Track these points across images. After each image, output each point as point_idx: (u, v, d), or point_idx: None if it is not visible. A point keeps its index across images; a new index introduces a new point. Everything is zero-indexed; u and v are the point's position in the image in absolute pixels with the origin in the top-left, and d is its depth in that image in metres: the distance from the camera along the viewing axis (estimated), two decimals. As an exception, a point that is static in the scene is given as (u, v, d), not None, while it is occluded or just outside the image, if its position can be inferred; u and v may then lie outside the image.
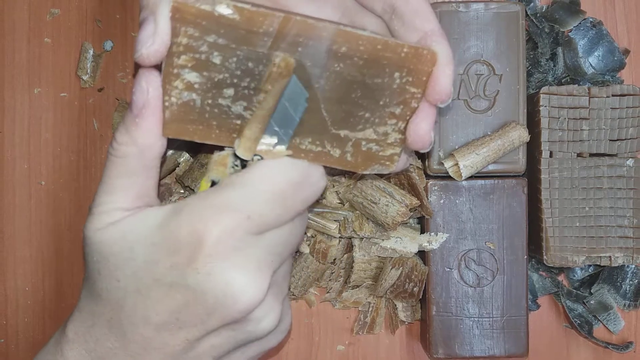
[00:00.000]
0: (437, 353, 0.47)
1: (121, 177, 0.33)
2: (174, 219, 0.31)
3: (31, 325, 0.50)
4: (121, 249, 0.32)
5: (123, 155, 0.33)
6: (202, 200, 0.32)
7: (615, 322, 0.50)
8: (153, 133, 0.32)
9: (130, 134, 0.32)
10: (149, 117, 0.32)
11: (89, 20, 0.50)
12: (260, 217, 0.32)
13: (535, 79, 0.50)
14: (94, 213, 0.33)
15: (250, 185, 0.32)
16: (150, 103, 0.32)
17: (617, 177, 0.46)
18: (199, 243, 0.31)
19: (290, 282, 0.37)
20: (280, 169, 0.33)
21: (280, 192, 0.32)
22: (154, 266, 0.31)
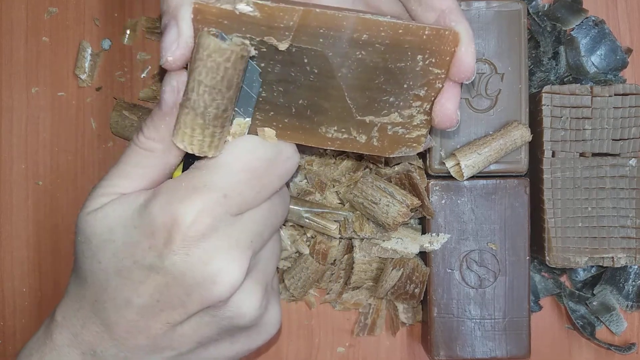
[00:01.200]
0: (439, 355, 0.46)
1: (138, 167, 0.33)
2: (152, 201, 0.32)
3: (28, 326, 0.49)
4: (102, 230, 0.32)
5: (148, 149, 0.33)
6: (178, 182, 0.32)
7: (617, 324, 0.49)
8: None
9: (158, 131, 0.32)
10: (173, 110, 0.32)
11: (87, 19, 0.50)
12: (237, 195, 0.32)
13: (537, 78, 0.49)
14: (94, 194, 0.34)
15: (224, 165, 0.32)
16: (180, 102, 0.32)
17: (619, 177, 0.46)
18: (174, 224, 0.31)
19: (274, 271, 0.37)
20: (251, 146, 0.33)
21: (254, 169, 0.32)
22: (133, 248, 0.32)
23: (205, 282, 0.31)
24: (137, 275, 0.32)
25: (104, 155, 0.50)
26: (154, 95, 0.49)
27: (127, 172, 0.33)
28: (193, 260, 0.31)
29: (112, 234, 0.32)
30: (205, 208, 0.31)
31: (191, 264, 0.31)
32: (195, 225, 0.31)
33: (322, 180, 0.47)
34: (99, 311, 0.33)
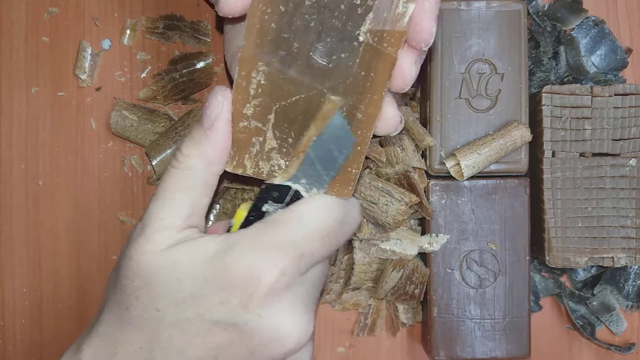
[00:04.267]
0: (439, 355, 0.46)
1: (179, 191, 0.32)
2: (229, 254, 0.30)
3: (28, 326, 0.49)
4: (168, 279, 0.31)
5: (187, 168, 0.32)
6: (257, 238, 0.31)
7: (617, 324, 0.49)
8: (222, 146, 0.32)
9: (199, 146, 0.32)
10: (220, 130, 0.32)
11: (87, 19, 0.50)
12: (310, 255, 0.31)
13: (537, 78, 0.49)
14: (149, 232, 0.32)
15: (301, 223, 0.31)
16: (223, 116, 0.32)
17: (619, 177, 0.46)
18: (256, 282, 0.30)
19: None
20: (327, 206, 0.32)
21: (328, 230, 0.32)
22: (200, 300, 0.30)
23: (273, 343, 0.30)
24: (198, 328, 0.30)
25: (104, 156, 0.50)
26: (154, 95, 0.49)
27: (170, 200, 0.32)
28: (266, 320, 0.30)
29: (180, 283, 0.30)
30: (285, 267, 0.30)
31: (263, 324, 0.30)
32: (275, 285, 0.30)
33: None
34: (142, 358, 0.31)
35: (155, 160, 0.47)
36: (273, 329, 0.30)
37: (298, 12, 0.31)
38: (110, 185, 0.50)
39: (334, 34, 0.31)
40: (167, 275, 0.31)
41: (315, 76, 0.32)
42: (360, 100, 0.32)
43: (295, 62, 0.32)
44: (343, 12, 0.31)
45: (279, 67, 0.32)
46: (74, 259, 0.50)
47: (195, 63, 0.49)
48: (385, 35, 0.31)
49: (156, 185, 0.49)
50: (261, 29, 0.31)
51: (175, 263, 0.31)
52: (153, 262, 0.31)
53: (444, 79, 0.46)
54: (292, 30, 0.31)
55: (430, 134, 0.46)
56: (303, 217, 0.32)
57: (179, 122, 0.48)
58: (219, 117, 0.32)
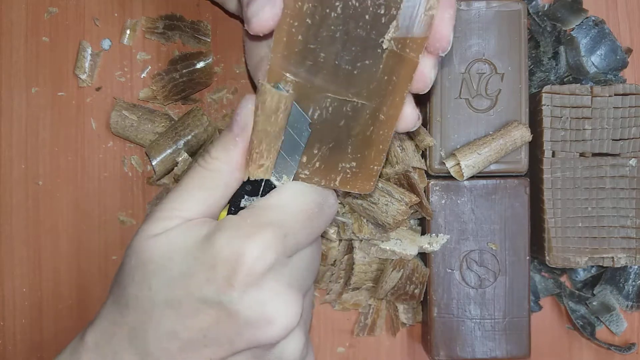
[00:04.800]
0: (439, 355, 0.46)
1: (202, 189, 0.33)
2: (216, 234, 0.31)
3: (28, 326, 0.49)
4: (161, 257, 0.32)
5: (214, 170, 0.33)
6: (242, 219, 0.32)
7: (617, 324, 0.49)
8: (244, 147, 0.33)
9: (227, 151, 0.33)
10: (249, 137, 0.33)
11: (87, 19, 0.50)
12: (294, 236, 0.32)
13: (537, 78, 0.49)
14: (154, 217, 0.33)
15: (284, 206, 0.33)
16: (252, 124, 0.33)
17: (619, 177, 0.46)
18: (239, 259, 0.30)
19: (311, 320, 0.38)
20: (306, 191, 0.34)
21: (309, 211, 0.33)
22: (189, 279, 0.31)
23: (260, 323, 0.31)
24: (188, 308, 0.31)
25: (104, 156, 0.50)
26: (154, 95, 0.49)
27: (190, 195, 0.33)
28: (250, 298, 0.31)
29: (170, 261, 0.31)
30: (269, 246, 0.31)
31: (248, 302, 0.31)
32: (259, 263, 0.31)
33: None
34: (136, 339, 0.32)
35: (155, 160, 0.47)
36: (258, 308, 0.31)
37: (324, 24, 0.32)
38: (110, 185, 0.50)
39: (359, 43, 0.32)
40: (160, 254, 0.32)
41: (340, 83, 0.33)
42: (383, 103, 0.34)
43: (322, 71, 0.33)
44: (367, 22, 0.32)
45: (306, 77, 0.33)
46: (74, 259, 0.50)
47: (195, 63, 0.49)
48: (408, 41, 0.33)
49: (156, 185, 0.49)
50: (288, 41, 0.32)
51: (169, 242, 0.32)
52: (150, 243, 0.32)
53: (444, 79, 0.46)
54: (318, 41, 0.32)
55: (430, 134, 0.46)
56: (285, 200, 0.33)
57: (179, 122, 0.48)
58: (248, 124, 0.33)
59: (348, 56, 0.33)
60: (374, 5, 0.32)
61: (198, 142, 0.48)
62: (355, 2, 0.32)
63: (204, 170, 0.33)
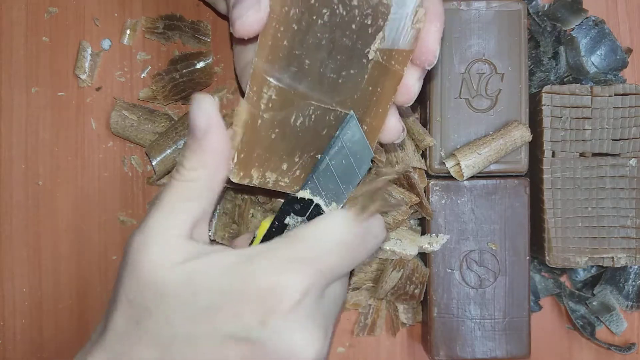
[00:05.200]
0: (439, 355, 0.46)
1: (185, 202, 0.32)
2: (248, 266, 0.30)
3: (28, 327, 0.49)
4: (184, 292, 0.30)
5: (192, 179, 0.32)
6: (277, 251, 0.31)
7: (617, 324, 0.49)
8: (220, 153, 0.32)
9: (198, 157, 0.32)
10: (215, 137, 0.31)
11: (87, 19, 0.50)
12: (330, 271, 0.31)
13: (537, 78, 0.49)
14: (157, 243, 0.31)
15: (321, 238, 0.31)
16: (213, 123, 0.31)
17: (619, 177, 0.46)
18: (277, 297, 0.29)
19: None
20: (347, 221, 0.32)
21: (348, 245, 0.32)
22: (215, 313, 0.30)
23: (286, 358, 0.30)
24: (211, 343, 0.30)
25: (104, 156, 0.50)
26: (154, 95, 0.49)
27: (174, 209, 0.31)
28: (281, 336, 0.30)
29: (195, 296, 0.30)
30: (306, 285, 0.30)
31: (278, 340, 0.29)
32: (292, 299, 0.29)
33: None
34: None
35: (155, 160, 0.47)
36: (288, 347, 0.30)
37: (311, 31, 0.32)
38: (110, 185, 0.50)
39: (345, 52, 0.32)
40: (183, 288, 0.30)
41: (324, 91, 0.33)
42: (367, 114, 0.34)
43: (306, 78, 0.32)
44: (354, 32, 0.32)
45: (290, 83, 0.32)
46: (74, 259, 0.50)
47: (195, 63, 0.49)
48: (394, 53, 0.33)
49: (156, 185, 0.49)
50: (273, 46, 0.32)
51: (192, 276, 0.30)
52: (168, 275, 0.30)
53: (444, 79, 0.46)
54: (303, 47, 0.32)
55: (430, 134, 0.46)
56: (323, 232, 0.31)
57: (179, 122, 0.48)
58: (209, 123, 0.31)
59: (333, 64, 0.32)
60: (361, 15, 0.31)
61: (198, 142, 0.48)
62: (343, 11, 0.31)
63: (180, 182, 0.32)
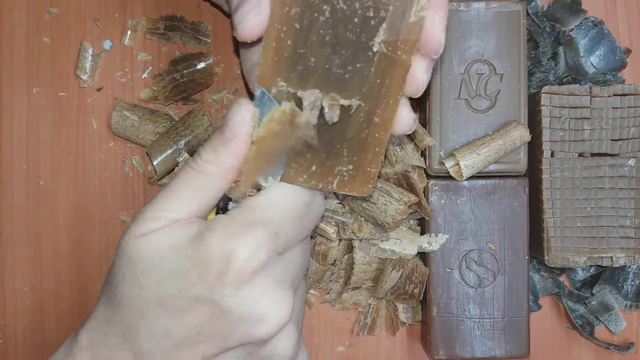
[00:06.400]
0: (438, 354, 0.46)
1: (191, 190, 0.33)
2: (208, 232, 0.31)
3: (30, 326, 0.50)
4: (151, 256, 0.32)
5: (204, 172, 0.33)
6: (232, 218, 0.32)
7: (616, 323, 0.50)
8: (241, 157, 0.33)
9: (217, 154, 0.33)
10: (241, 142, 0.33)
11: (88, 20, 0.50)
12: (285, 234, 0.32)
13: (537, 78, 0.50)
14: (143, 217, 0.33)
15: (273, 205, 0.33)
16: (245, 129, 0.32)
17: (618, 177, 0.46)
18: (231, 257, 0.31)
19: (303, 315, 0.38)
20: (294, 190, 0.34)
21: (298, 210, 0.34)
22: (181, 277, 0.31)
23: (252, 319, 0.31)
24: (181, 305, 0.31)
25: (105, 156, 0.50)
26: (155, 96, 0.49)
27: (179, 195, 0.33)
28: (242, 295, 0.31)
29: (161, 260, 0.32)
30: (261, 244, 0.31)
31: (240, 300, 0.31)
32: (251, 260, 0.31)
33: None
34: (130, 338, 0.32)
35: (156, 160, 0.47)
36: (250, 306, 0.31)
37: (313, 28, 0.32)
38: (111, 186, 0.50)
39: (349, 46, 0.32)
40: (150, 253, 0.32)
41: (332, 87, 0.33)
42: (377, 106, 0.33)
43: (313, 76, 0.33)
44: (357, 25, 0.32)
45: (298, 82, 0.33)
46: (75, 258, 0.50)
47: (196, 64, 0.49)
48: (399, 43, 0.32)
49: (157, 185, 0.50)
50: (277, 46, 0.32)
51: (159, 241, 0.32)
52: (140, 243, 0.32)
53: (443, 80, 0.46)
54: (307, 45, 0.32)
55: (430, 134, 0.46)
56: (274, 200, 0.33)
57: (180, 122, 0.48)
58: (240, 129, 0.32)
59: (339, 60, 0.32)
60: (362, 8, 0.31)
61: (199, 142, 0.48)
62: (344, 6, 0.31)
63: (194, 172, 0.33)
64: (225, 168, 0.33)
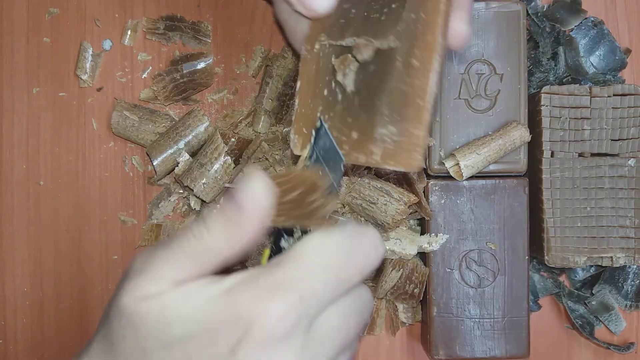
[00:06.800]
0: (438, 354, 0.46)
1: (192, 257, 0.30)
2: (222, 299, 0.29)
3: (29, 326, 0.50)
4: (157, 322, 0.29)
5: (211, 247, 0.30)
6: (252, 279, 0.29)
7: (616, 323, 0.50)
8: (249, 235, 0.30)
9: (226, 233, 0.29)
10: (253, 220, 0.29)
11: (88, 20, 0.50)
12: (314, 297, 0.29)
13: (537, 78, 0.49)
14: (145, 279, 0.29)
15: (300, 260, 0.29)
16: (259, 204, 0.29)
17: (618, 177, 0.46)
18: (247, 327, 0.28)
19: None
20: (331, 238, 0.30)
21: (334, 265, 0.29)
22: (189, 342, 0.28)
23: None
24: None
25: (105, 156, 0.50)
26: (155, 96, 0.49)
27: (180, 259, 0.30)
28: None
29: (169, 327, 0.29)
30: (278, 314, 0.28)
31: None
32: (264, 333, 0.27)
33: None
34: None
35: (156, 160, 0.47)
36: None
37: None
38: (111, 185, 0.50)
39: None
40: (156, 318, 0.29)
41: (369, 31, 0.33)
42: (415, 45, 0.32)
43: (352, 26, 0.34)
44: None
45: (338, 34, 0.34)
46: (75, 258, 0.50)
47: (196, 64, 0.49)
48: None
49: (157, 185, 0.50)
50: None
51: (166, 307, 0.29)
52: (143, 307, 0.29)
53: (444, 80, 0.46)
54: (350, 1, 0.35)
55: (430, 134, 0.46)
56: (303, 253, 0.29)
57: (180, 122, 0.48)
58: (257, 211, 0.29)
59: (376, 5, 0.33)
60: None
61: (199, 142, 0.48)
62: None
63: (198, 243, 0.30)
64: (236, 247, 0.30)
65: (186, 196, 0.49)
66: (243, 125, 0.49)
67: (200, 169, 0.46)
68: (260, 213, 0.29)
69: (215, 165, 0.46)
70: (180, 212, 0.50)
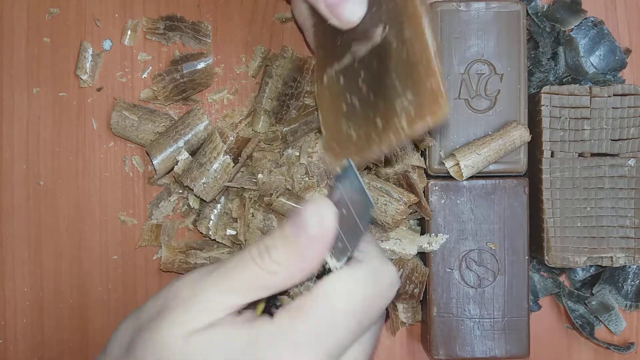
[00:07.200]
0: (438, 354, 0.46)
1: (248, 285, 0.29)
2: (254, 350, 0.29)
3: (30, 326, 0.50)
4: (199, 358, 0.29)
5: (270, 271, 0.29)
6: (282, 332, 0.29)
7: (616, 323, 0.50)
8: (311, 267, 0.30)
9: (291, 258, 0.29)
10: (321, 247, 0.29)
11: (88, 20, 0.50)
12: (338, 346, 0.29)
13: (537, 78, 0.50)
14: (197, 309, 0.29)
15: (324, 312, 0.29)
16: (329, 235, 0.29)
17: (618, 177, 0.46)
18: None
19: None
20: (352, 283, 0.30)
21: (356, 311, 0.30)
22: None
23: None
24: None
25: (105, 156, 0.50)
26: (155, 96, 0.49)
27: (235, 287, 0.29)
28: None
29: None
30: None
31: None
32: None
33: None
34: None
35: (156, 159, 0.47)
36: None
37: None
38: (111, 185, 0.50)
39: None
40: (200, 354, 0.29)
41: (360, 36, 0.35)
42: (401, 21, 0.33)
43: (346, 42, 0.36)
44: None
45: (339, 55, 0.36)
46: (75, 258, 0.50)
47: (196, 64, 0.49)
48: None
49: (157, 184, 0.50)
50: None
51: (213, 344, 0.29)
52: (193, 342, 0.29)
53: (443, 80, 0.46)
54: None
55: (430, 134, 0.46)
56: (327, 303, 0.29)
57: (179, 121, 0.48)
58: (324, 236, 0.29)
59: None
60: None
61: (198, 140, 0.48)
62: None
63: (257, 269, 0.29)
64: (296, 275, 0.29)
65: (186, 196, 0.49)
66: (243, 125, 0.49)
67: (199, 168, 0.46)
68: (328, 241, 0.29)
69: (215, 165, 0.46)
70: (180, 212, 0.50)
